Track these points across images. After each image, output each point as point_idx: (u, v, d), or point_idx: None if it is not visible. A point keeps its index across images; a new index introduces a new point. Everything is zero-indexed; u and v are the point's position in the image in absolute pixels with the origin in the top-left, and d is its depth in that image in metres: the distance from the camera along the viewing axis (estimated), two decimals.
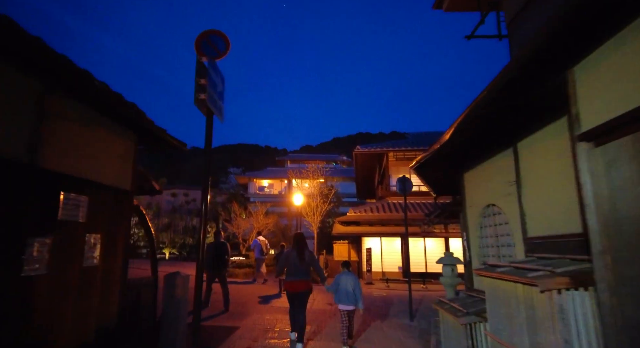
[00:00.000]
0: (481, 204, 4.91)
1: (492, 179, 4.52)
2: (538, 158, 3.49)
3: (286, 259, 5.31)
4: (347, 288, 5.21)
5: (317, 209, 16.63)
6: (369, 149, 17.38)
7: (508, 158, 4.04)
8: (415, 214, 15.37)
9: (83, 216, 3.09)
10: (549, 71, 2.57)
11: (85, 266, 3.08)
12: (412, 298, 10.28)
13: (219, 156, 75.64)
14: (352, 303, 5.19)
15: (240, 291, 10.14)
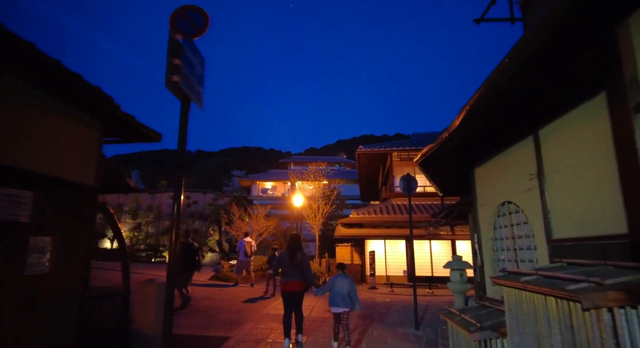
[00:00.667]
0: (495, 202, 4.37)
1: (508, 174, 3.98)
2: (566, 146, 2.96)
3: (280, 260, 5.45)
4: (342, 291, 5.11)
5: (318, 211, 16.10)
6: (372, 149, 16.84)
7: (527, 148, 3.51)
8: (420, 216, 14.80)
9: (26, 215, 2.62)
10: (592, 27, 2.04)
11: (28, 275, 2.60)
12: (417, 304, 9.70)
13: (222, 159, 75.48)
14: (346, 305, 5.09)
15: (228, 296, 9.64)
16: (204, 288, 11.12)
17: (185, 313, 7.39)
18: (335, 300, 5.09)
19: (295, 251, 5.38)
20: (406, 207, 16.40)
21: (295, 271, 5.25)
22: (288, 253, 5.38)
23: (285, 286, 5.25)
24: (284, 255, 5.44)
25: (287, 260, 5.31)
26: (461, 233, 15.31)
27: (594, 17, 1.92)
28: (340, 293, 5.09)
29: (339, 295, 5.09)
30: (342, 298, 5.07)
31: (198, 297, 9.22)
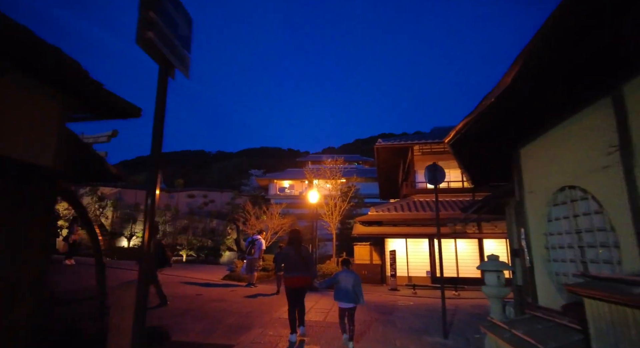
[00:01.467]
0: (549, 188, 3.52)
1: (570, 149, 3.13)
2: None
3: (285, 256, 5.45)
4: (347, 286, 5.08)
5: (335, 209, 15.35)
6: (391, 143, 15.96)
7: (603, 111, 2.66)
8: (445, 213, 13.84)
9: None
10: None
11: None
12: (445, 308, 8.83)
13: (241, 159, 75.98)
14: (352, 301, 5.09)
15: (238, 297, 9.01)
16: (215, 288, 10.56)
17: (192, 317, 6.79)
18: (341, 296, 5.09)
19: (300, 247, 5.45)
20: (429, 204, 15.48)
21: (300, 266, 5.31)
22: (293, 248, 5.41)
23: (290, 282, 5.31)
24: (289, 250, 5.45)
25: (293, 256, 5.34)
26: (490, 231, 14.25)
27: None
28: (345, 288, 5.06)
29: (344, 290, 5.06)
30: (347, 294, 5.05)
31: (207, 299, 8.64)
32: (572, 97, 2.88)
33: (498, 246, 14.14)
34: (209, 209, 31.10)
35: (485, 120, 3.39)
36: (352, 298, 5.08)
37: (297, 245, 5.50)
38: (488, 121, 3.43)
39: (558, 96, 2.92)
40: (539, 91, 2.83)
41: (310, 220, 19.11)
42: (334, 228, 15.29)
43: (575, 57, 2.36)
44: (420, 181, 16.14)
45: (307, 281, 5.49)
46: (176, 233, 25.69)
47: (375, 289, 12.90)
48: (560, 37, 2.14)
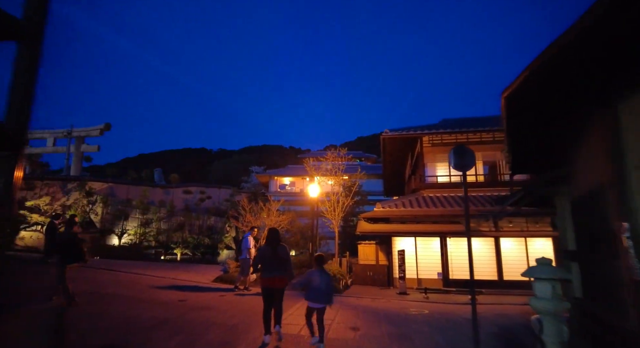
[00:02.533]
0: None
1: None
2: None
3: (261, 255, 5.30)
4: (320, 286, 4.90)
5: (338, 205, 14.13)
6: (399, 132, 14.70)
7: None
8: (460, 210, 12.59)
9: None
10: None
11: None
12: (461, 316, 7.60)
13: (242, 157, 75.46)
14: (324, 301, 4.95)
15: (227, 304, 7.82)
16: (203, 293, 9.37)
17: (167, 330, 5.60)
18: (313, 296, 4.93)
19: (277, 246, 5.30)
20: (440, 200, 14.23)
21: (277, 266, 5.21)
22: (270, 248, 5.27)
23: (267, 283, 5.19)
24: (265, 250, 5.31)
25: (269, 255, 5.22)
26: (507, 229, 13.01)
27: None
28: (318, 288, 4.88)
29: (318, 290, 4.88)
30: (320, 294, 4.89)
31: (190, 306, 7.44)
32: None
33: (516, 246, 12.90)
34: (206, 206, 29.97)
35: (569, 57, 2.14)
36: (325, 298, 4.92)
37: (275, 244, 5.32)
38: (572, 59, 2.18)
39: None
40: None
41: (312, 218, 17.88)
42: (337, 226, 14.06)
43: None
44: (431, 174, 14.89)
45: (283, 282, 5.34)
46: (171, 231, 24.55)
47: (382, 293, 11.69)
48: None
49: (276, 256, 5.23)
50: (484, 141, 14.78)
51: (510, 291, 12.07)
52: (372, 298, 10.39)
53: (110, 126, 26.67)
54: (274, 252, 5.24)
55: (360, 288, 12.71)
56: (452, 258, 13.03)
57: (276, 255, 5.24)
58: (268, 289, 5.22)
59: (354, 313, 7.59)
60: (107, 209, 21.48)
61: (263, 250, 5.39)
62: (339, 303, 9.04)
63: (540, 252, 12.70)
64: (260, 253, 5.38)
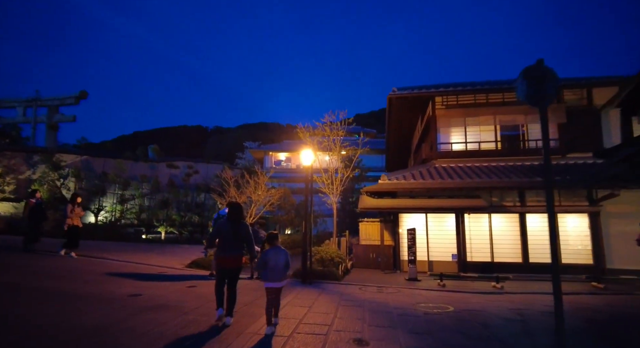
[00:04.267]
0: None
1: None
2: None
3: (219, 232, 4.90)
4: (277, 264, 4.60)
5: (336, 178, 12.14)
6: (409, 92, 12.49)
7: None
8: (481, 182, 10.63)
9: None
10: None
11: None
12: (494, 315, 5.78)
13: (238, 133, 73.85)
14: (283, 278, 4.66)
15: (195, 300, 5.95)
16: (168, 283, 7.48)
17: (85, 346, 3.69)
18: (270, 275, 4.58)
19: (238, 222, 4.90)
20: (456, 171, 12.24)
21: (236, 245, 4.87)
22: (229, 223, 4.85)
23: (223, 262, 4.81)
24: (224, 225, 4.86)
25: (229, 232, 4.81)
26: (536, 203, 11.10)
27: None
28: (276, 266, 4.58)
29: (275, 269, 4.58)
30: (278, 272, 4.59)
31: (142, 304, 5.55)
32: None
33: (544, 223, 11.02)
34: (195, 182, 27.96)
35: None
36: (282, 275, 4.67)
37: (236, 221, 4.92)
38: None
39: None
40: None
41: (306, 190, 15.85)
42: (335, 201, 12.13)
43: None
44: (444, 142, 12.83)
45: (239, 263, 4.94)
46: (156, 208, 22.63)
47: (388, 279, 9.87)
48: None
49: (236, 234, 4.84)
50: (507, 102, 12.64)
51: (538, 276, 10.30)
52: (377, 286, 8.56)
53: (86, 94, 24.18)
54: (233, 229, 4.84)
55: (363, 273, 10.91)
56: (471, 237, 11.17)
57: (236, 232, 4.84)
58: (223, 269, 4.83)
59: (357, 313, 5.72)
60: (81, 184, 19.43)
61: (221, 225, 4.93)
62: (337, 295, 7.17)
63: (574, 231, 10.85)
64: (218, 229, 4.93)
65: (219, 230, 4.91)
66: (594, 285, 8.94)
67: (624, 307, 7.08)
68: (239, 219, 4.96)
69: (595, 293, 8.25)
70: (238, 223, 4.90)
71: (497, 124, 12.63)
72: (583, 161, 11.62)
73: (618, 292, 8.29)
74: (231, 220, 4.90)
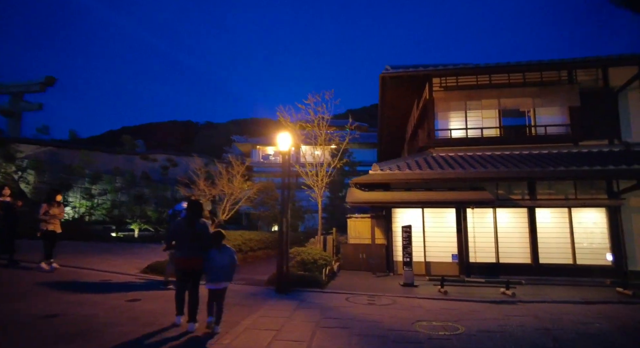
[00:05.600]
0: None
1: None
2: None
3: (176, 231, 4.66)
4: (220, 265, 4.42)
5: (322, 169, 10.68)
6: (404, 70, 11.02)
7: None
8: (485, 172, 9.27)
9: None
10: None
11: None
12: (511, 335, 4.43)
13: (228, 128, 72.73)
14: (226, 279, 4.50)
15: (129, 322, 4.49)
16: (106, 295, 5.98)
17: None
18: (214, 276, 4.41)
19: (196, 221, 4.58)
20: (456, 161, 10.80)
21: (195, 245, 4.51)
22: (187, 222, 4.59)
23: (184, 264, 4.54)
24: (181, 225, 4.62)
25: (186, 232, 4.54)
26: (548, 196, 9.82)
27: None
28: (219, 267, 4.42)
29: (219, 268, 4.42)
30: (222, 272, 4.44)
31: (55, 331, 4.07)
32: None
33: (556, 219, 9.74)
34: (174, 176, 26.26)
35: None
36: (227, 275, 4.48)
37: (193, 218, 4.55)
38: None
39: None
40: None
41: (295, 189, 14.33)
42: (320, 195, 10.69)
43: None
44: (443, 128, 11.43)
45: (200, 264, 4.47)
46: (130, 203, 20.95)
47: (381, 285, 8.49)
48: None
49: (194, 234, 4.51)
50: (512, 83, 11.29)
51: (551, 280, 9.03)
52: (368, 295, 7.15)
53: (53, 81, 22.27)
54: (191, 227, 4.53)
55: (351, 277, 9.50)
56: (475, 235, 9.83)
57: (194, 232, 4.52)
58: (184, 270, 4.53)
59: (341, 340, 4.29)
60: (44, 178, 17.65)
61: (179, 224, 4.70)
62: (318, 310, 5.73)
63: (590, 227, 9.57)
64: (175, 229, 4.71)
65: (176, 229, 4.66)
66: (620, 291, 7.66)
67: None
68: (197, 217, 4.61)
69: (626, 301, 6.94)
70: (195, 219, 4.57)
71: (501, 109, 11.28)
72: (598, 149, 10.34)
73: None
74: (188, 218, 4.57)
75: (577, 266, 9.35)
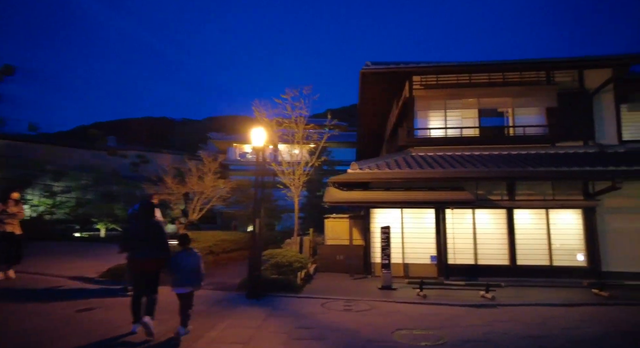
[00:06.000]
0: None
1: None
2: None
3: (131, 232, 4.55)
4: (187, 267, 4.35)
5: (299, 167, 10.26)
6: (385, 67, 10.75)
7: None
8: (465, 171, 9.10)
9: None
10: None
11: None
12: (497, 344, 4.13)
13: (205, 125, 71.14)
14: (192, 283, 4.40)
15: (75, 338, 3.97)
16: (54, 305, 5.35)
17: None
18: (180, 280, 4.32)
19: (149, 219, 4.55)
20: (436, 160, 10.61)
21: (149, 246, 4.38)
22: (141, 222, 4.53)
23: (139, 265, 4.38)
24: (136, 225, 4.57)
25: (140, 232, 4.43)
26: (527, 197, 9.78)
27: None
28: (185, 270, 4.33)
29: (185, 272, 4.34)
30: (188, 277, 4.34)
31: None
32: None
33: (534, 220, 9.70)
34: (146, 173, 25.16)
35: None
36: (193, 279, 4.39)
37: (146, 218, 4.54)
38: None
39: None
40: None
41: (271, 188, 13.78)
42: (297, 194, 10.27)
43: None
44: (423, 127, 11.23)
45: (156, 265, 4.39)
46: (97, 202, 19.84)
47: (358, 288, 8.16)
48: None
49: (148, 234, 4.39)
50: (492, 82, 11.21)
51: (529, 281, 8.97)
52: (345, 300, 6.79)
53: (12, 70, 20.64)
54: (145, 229, 4.43)
55: (328, 280, 9.13)
56: (454, 236, 9.66)
57: (148, 232, 4.41)
58: (141, 274, 4.36)
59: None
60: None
61: (134, 225, 4.61)
62: (291, 318, 5.31)
63: (567, 228, 9.58)
64: (131, 229, 4.57)
65: (129, 230, 4.62)
66: (596, 292, 7.63)
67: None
68: (151, 216, 4.57)
69: (604, 303, 6.88)
70: (149, 218, 4.53)
71: (481, 108, 11.18)
72: (574, 150, 10.39)
73: (627, 302, 6.97)
74: (141, 218, 4.54)
75: (553, 267, 9.33)
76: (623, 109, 11.04)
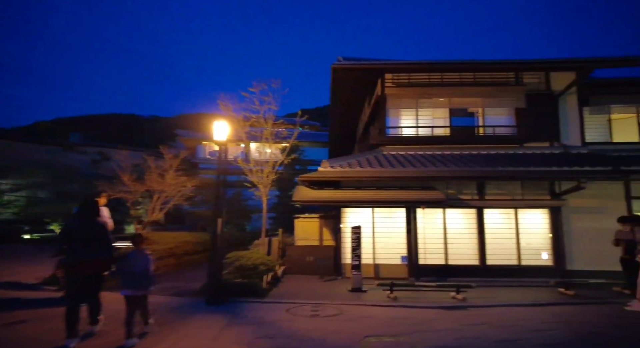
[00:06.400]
0: None
1: None
2: None
3: (70, 231, 4.14)
4: (137, 269, 4.13)
5: (267, 164, 9.81)
6: (357, 63, 10.49)
7: None
8: (437, 171, 8.97)
9: None
10: None
11: None
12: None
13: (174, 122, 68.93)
14: (143, 286, 4.16)
15: None
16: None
17: None
18: (129, 282, 4.08)
19: (93, 218, 4.24)
20: (407, 159, 10.43)
21: (91, 246, 4.10)
22: (84, 222, 4.18)
23: (81, 267, 4.01)
24: (75, 223, 4.21)
25: (81, 232, 4.11)
26: (496, 197, 9.79)
27: None
28: (135, 271, 4.11)
29: (136, 274, 4.10)
30: (138, 279, 4.11)
31: None
32: None
33: (503, 220, 9.74)
34: (107, 171, 23.82)
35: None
36: (143, 283, 4.15)
37: (91, 217, 4.25)
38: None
39: None
40: None
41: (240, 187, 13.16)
42: (265, 193, 9.81)
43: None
44: (394, 126, 11.08)
45: (99, 266, 4.15)
46: (52, 201, 18.53)
47: (328, 291, 7.82)
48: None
49: (93, 234, 4.13)
50: (464, 81, 11.22)
51: (498, 281, 8.95)
52: (312, 304, 6.43)
53: None
54: (90, 229, 4.14)
55: (297, 282, 8.75)
56: (425, 236, 9.52)
57: (93, 232, 4.15)
58: (82, 277, 4.00)
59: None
60: None
61: (71, 224, 4.22)
62: (253, 327, 4.88)
63: (534, 228, 9.68)
64: (68, 229, 4.16)
65: (70, 230, 4.18)
66: (562, 291, 7.68)
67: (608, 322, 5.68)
68: (95, 215, 4.31)
69: (571, 302, 6.90)
70: (92, 217, 4.27)
71: (452, 107, 11.16)
72: (541, 151, 10.54)
73: (591, 301, 7.03)
74: (84, 217, 4.23)
75: (522, 267, 9.39)
76: (585, 111, 11.36)
